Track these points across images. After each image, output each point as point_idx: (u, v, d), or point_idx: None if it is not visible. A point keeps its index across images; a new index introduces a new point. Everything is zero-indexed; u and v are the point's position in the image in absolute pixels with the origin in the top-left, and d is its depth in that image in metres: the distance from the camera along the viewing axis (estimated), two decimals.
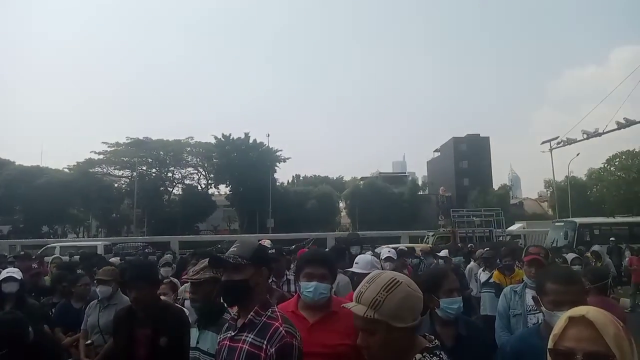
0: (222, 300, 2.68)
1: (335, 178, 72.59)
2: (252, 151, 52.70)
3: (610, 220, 24.19)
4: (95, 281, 4.89)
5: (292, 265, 5.25)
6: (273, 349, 1.99)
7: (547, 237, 22.29)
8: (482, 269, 7.63)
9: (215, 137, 53.47)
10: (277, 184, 55.51)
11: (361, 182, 66.56)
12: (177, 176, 58.33)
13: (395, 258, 5.34)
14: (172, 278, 5.83)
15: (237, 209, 53.64)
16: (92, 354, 4.45)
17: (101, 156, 55.18)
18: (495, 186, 68.12)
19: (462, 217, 25.59)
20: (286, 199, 51.67)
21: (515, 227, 35.89)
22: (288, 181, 66.61)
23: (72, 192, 49.12)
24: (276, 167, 54.37)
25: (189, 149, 56.76)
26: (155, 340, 3.12)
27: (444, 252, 9.55)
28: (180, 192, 57.17)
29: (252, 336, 2.07)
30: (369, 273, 3.46)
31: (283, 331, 2.03)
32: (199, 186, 58.28)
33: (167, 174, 57.44)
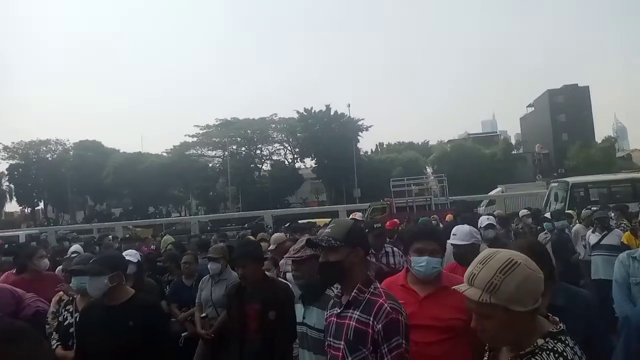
0: (321, 280, 2.73)
1: (420, 143, 70.61)
2: (334, 123, 52.80)
3: (609, 177, 21.03)
4: (205, 258, 5.24)
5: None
6: (380, 325, 2.02)
7: (545, 199, 19.62)
8: (590, 230, 7.09)
9: (298, 112, 54.26)
10: (361, 153, 55.36)
11: (448, 146, 64.16)
12: (265, 153, 60.31)
13: (496, 225, 5.10)
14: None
15: (324, 181, 54.44)
16: (207, 326, 4.78)
17: (194, 138, 58.54)
18: (598, 139, 62.42)
19: (401, 186, 24.09)
20: (371, 167, 51.44)
21: (494, 192, 32.41)
22: (371, 150, 66.15)
23: (172, 174, 52.78)
24: (359, 137, 54.19)
25: (273, 125, 58.15)
26: (264, 314, 3.28)
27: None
28: (269, 168, 59.11)
29: (357, 313, 2.11)
30: (469, 244, 3.38)
31: (388, 307, 2.05)
32: (286, 161, 59.74)
33: (255, 151, 59.54)
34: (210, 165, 59.32)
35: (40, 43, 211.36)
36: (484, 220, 4.84)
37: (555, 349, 1.46)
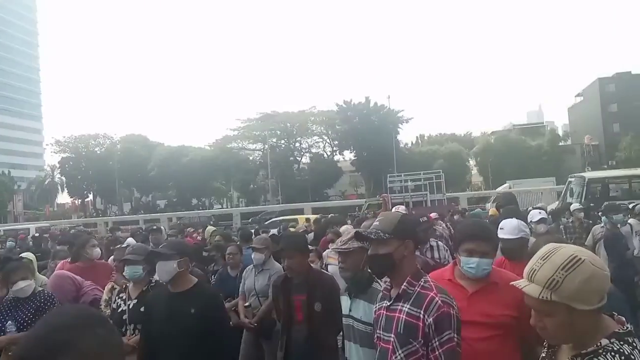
0: (370, 272, 2.72)
1: (463, 135, 69.19)
2: (374, 114, 52.49)
3: (629, 172, 19.37)
4: (250, 249, 5.32)
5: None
6: (431, 319, 2.00)
7: (562, 195, 18.55)
8: None
9: (337, 104, 54.22)
10: (401, 145, 54.79)
11: (492, 137, 62.54)
12: (304, 146, 60.71)
13: (547, 219, 4.93)
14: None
15: (363, 173, 54.23)
16: (250, 315, 4.86)
17: (235, 132, 59.54)
18: None
19: (397, 182, 23.55)
20: (411, 160, 50.80)
21: (501, 188, 31.53)
22: (412, 142, 65.31)
23: (214, 167, 53.93)
24: (399, 129, 53.70)
25: (312, 118, 58.38)
26: (310, 306, 3.31)
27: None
28: (308, 161, 59.46)
29: (408, 306, 2.09)
30: (517, 238, 3.27)
31: (439, 301, 2.03)
32: (325, 154, 59.90)
33: (294, 144, 59.96)
34: (250, 158, 60.20)
35: (90, 42, 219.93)
36: (535, 215, 4.68)
37: (621, 350, 1.38)
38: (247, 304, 4.94)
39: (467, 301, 2.36)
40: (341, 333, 3.08)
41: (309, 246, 4.98)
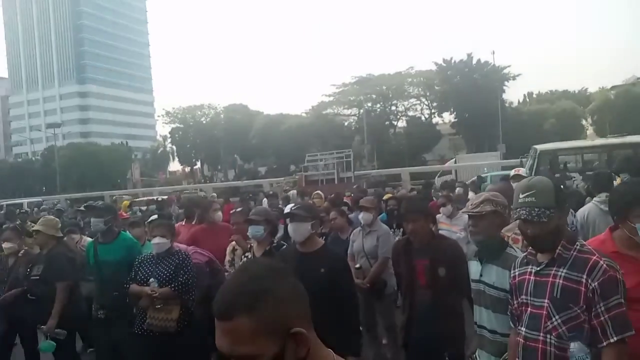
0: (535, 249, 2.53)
1: (577, 91, 62.95)
2: (477, 73, 49.50)
3: (582, 143, 19.52)
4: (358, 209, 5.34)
5: None
6: (595, 283, 1.88)
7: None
8: None
9: (436, 64, 51.89)
10: (507, 105, 51.40)
11: (612, 92, 56.21)
12: (400, 109, 59.25)
13: None
14: None
15: (464, 136, 52.00)
16: (361, 276, 4.91)
17: (331, 98, 59.76)
18: None
19: (314, 161, 25.47)
20: (518, 121, 47.54)
21: (448, 163, 32.22)
22: (519, 101, 60.89)
23: (310, 133, 54.89)
24: (504, 87, 50.21)
25: (409, 79, 56.64)
26: (433, 271, 3.22)
27: None
28: (405, 125, 58.15)
29: (564, 270, 1.98)
30: None
31: (604, 265, 1.90)
32: (423, 117, 58.14)
33: (390, 107, 58.88)
34: (345, 123, 60.25)
35: (192, 17, 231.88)
36: None
37: None
38: (357, 265, 4.99)
39: None
40: None
41: None
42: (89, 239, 5.19)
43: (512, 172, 6.70)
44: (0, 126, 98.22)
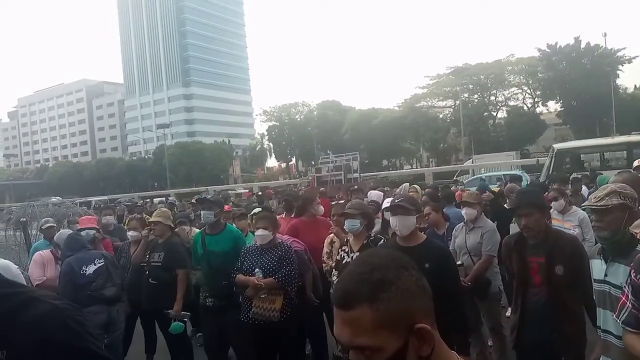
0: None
1: None
2: (585, 57, 45.41)
3: (602, 141, 19.13)
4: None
5: None
6: None
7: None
8: None
9: (539, 50, 48.31)
10: (621, 90, 46.57)
11: None
12: (500, 99, 56.52)
13: None
14: None
15: (572, 126, 48.01)
16: (463, 274, 4.70)
17: (425, 90, 58.32)
18: None
19: (326, 162, 27.10)
20: (635, 108, 42.89)
21: (467, 163, 34.17)
22: (635, 86, 54.86)
23: (403, 127, 54.12)
24: (618, 71, 45.54)
25: (510, 67, 53.68)
26: (550, 268, 2.98)
27: None
28: (505, 115, 55.18)
29: None
30: None
31: None
32: (525, 106, 54.83)
33: (489, 97, 56.19)
34: (440, 116, 58.57)
35: (284, 18, 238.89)
36: None
37: None
38: (459, 262, 4.79)
39: None
40: None
41: None
42: (198, 230, 5.51)
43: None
44: (118, 127, 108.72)
